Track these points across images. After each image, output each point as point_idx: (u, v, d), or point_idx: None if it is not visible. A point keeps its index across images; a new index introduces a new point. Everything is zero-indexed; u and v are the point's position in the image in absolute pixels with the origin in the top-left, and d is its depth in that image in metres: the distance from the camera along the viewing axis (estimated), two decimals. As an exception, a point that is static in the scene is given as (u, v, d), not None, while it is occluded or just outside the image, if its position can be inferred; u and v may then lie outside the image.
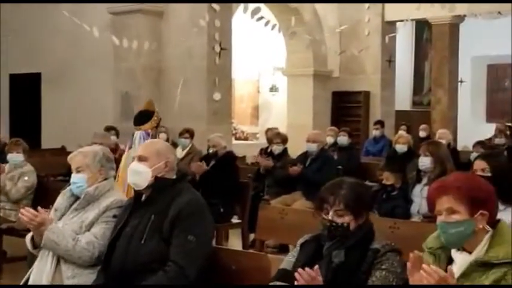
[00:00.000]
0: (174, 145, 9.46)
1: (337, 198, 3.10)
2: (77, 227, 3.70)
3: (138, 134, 5.30)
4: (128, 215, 3.59)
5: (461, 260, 2.82)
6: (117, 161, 5.89)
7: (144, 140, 5.11)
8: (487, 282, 2.69)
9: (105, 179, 3.87)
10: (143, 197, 3.61)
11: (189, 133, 9.45)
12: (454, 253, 2.86)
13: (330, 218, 3.11)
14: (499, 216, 3.23)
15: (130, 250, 3.44)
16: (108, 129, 9.88)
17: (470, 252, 2.80)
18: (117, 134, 10.01)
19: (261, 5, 9.81)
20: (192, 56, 11.22)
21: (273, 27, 8.88)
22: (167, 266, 3.34)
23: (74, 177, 3.83)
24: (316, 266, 2.90)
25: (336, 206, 3.10)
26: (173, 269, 3.32)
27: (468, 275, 2.74)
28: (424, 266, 2.59)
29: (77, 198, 3.83)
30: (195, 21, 9.79)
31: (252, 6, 8.78)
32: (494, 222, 2.83)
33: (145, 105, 5.66)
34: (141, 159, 3.62)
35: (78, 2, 11.75)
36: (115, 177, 4.24)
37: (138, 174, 3.58)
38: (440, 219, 2.81)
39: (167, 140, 9.46)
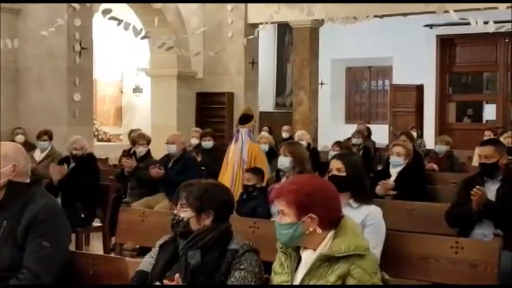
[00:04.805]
0: (32, 147, 9.15)
1: (185, 193, 3.21)
2: None
3: (243, 130, 7.11)
4: (-22, 221, 3.42)
5: (306, 257, 2.91)
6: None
7: (248, 135, 7.09)
8: (333, 277, 2.79)
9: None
10: (-5, 202, 3.46)
11: (48, 135, 9.13)
12: (302, 251, 2.95)
13: (175, 212, 3.21)
14: (352, 214, 3.37)
15: (-19, 258, 3.29)
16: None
17: (315, 250, 2.90)
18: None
19: (124, 5, 9.68)
20: (51, 56, 10.86)
21: (134, 29, 8.73)
22: (21, 273, 3.23)
23: None
24: (177, 275, 2.91)
25: (181, 201, 3.20)
26: (27, 276, 3.22)
27: (315, 270, 2.83)
28: None
29: None
30: (54, 19, 9.48)
31: (110, 8, 8.59)
32: (336, 221, 2.93)
33: (245, 109, 7.57)
34: None
35: None
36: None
37: None
38: (276, 220, 2.94)
39: (24, 142, 9.14)
